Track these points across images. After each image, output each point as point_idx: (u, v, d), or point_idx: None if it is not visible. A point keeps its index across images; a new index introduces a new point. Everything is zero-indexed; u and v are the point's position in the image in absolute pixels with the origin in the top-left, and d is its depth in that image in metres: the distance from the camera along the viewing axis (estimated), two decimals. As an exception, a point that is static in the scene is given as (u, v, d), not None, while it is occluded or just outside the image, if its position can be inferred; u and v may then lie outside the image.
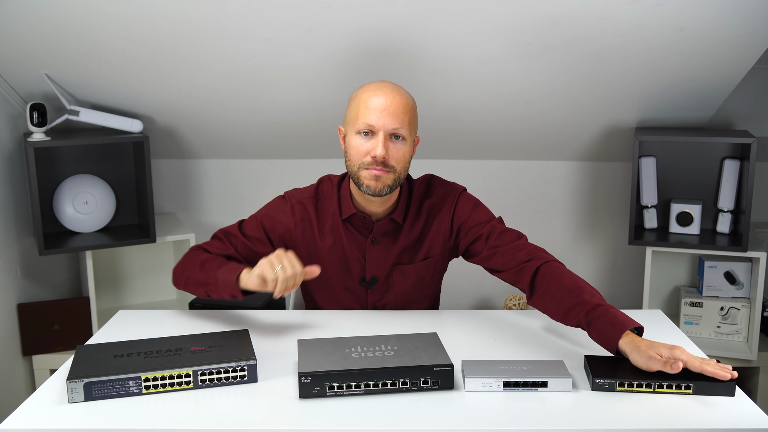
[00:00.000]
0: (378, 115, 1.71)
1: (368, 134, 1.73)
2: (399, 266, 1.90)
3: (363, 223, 1.86)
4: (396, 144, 1.74)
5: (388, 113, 1.72)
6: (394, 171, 1.75)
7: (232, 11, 2.22)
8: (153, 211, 2.68)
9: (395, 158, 1.74)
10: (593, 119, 2.81)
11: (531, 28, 2.28)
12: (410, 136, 1.77)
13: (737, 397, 1.43)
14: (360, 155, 1.74)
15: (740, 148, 2.75)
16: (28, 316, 2.65)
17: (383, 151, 1.71)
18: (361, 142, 1.74)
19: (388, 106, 1.72)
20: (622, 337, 1.50)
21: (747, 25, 2.24)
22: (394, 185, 1.76)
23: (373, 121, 1.71)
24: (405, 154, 1.76)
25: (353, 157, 1.76)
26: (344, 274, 1.90)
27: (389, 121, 1.71)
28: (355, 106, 1.76)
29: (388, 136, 1.73)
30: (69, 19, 2.24)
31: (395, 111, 1.72)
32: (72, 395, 1.41)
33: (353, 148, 1.76)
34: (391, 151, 1.73)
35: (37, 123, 2.52)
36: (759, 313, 2.66)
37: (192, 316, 1.93)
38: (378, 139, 1.72)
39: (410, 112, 1.76)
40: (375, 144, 1.72)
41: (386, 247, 1.88)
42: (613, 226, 3.12)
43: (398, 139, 1.74)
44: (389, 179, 1.75)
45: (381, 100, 1.72)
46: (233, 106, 2.71)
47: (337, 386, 1.42)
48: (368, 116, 1.72)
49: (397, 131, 1.73)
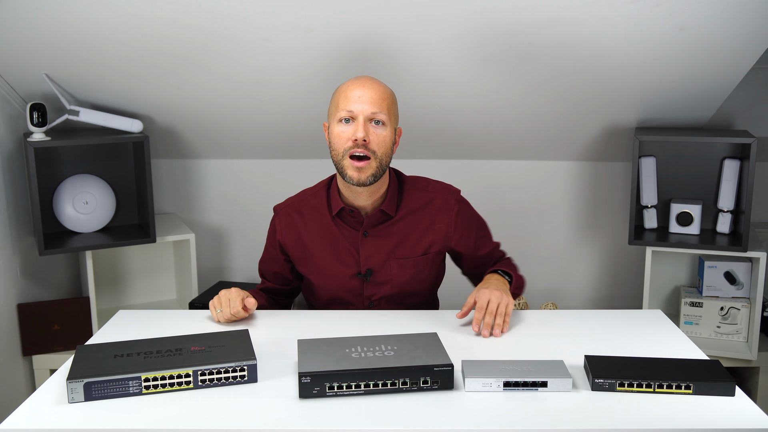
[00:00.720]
0: (357, 102, 1.79)
1: (349, 121, 1.80)
2: (397, 260, 1.92)
3: (353, 217, 1.90)
4: (376, 129, 1.80)
5: (367, 99, 1.79)
6: (376, 157, 1.80)
7: (232, 11, 2.22)
8: (153, 211, 2.68)
9: (376, 142, 1.80)
10: (593, 119, 2.81)
11: (531, 27, 2.28)
12: (390, 122, 1.83)
13: (737, 397, 1.44)
14: (342, 141, 1.80)
15: (740, 148, 2.75)
16: (28, 316, 2.65)
17: (363, 133, 1.77)
18: (343, 129, 1.81)
19: (366, 93, 1.80)
20: (490, 272, 1.97)
21: (747, 25, 2.24)
22: (377, 173, 1.81)
23: (353, 107, 1.79)
24: (386, 139, 1.82)
25: (336, 145, 1.82)
26: (340, 269, 1.92)
27: (368, 106, 1.79)
28: (335, 98, 1.85)
29: (368, 120, 1.79)
30: (69, 19, 2.23)
31: (373, 97, 1.79)
32: (72, 395, 1.41)
33: (335, 136, 1.82)
34: (372, 135, 1.79)
35: (37, 123, 2.52)
36: (759, 313, 2.66)
37: (192, 316, 1.93)
38: (358, 123, 1.78)
39: (389, 99, 1.83)
40: (356, 128, 1.79)
41: (379, 239, 1.91)
42: (613, 226, 3.12)
43: (378, 124, 1.81)
44: (371, 168, 1.80)
45: (359, 88, 1.81)
46: (233, 106, 2.72)
47: (337, 386, 1.42)
48: (348, 104, 1.79)
49: (376, 116, 1.79)
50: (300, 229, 1.96)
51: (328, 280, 1.95)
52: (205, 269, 3.12)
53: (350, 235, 1.92)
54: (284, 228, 1.98)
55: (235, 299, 1.81)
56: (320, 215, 1.94)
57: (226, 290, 1.84)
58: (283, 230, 1.98)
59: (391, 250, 1.92)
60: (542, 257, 3.15)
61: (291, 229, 1.97)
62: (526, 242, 3.14)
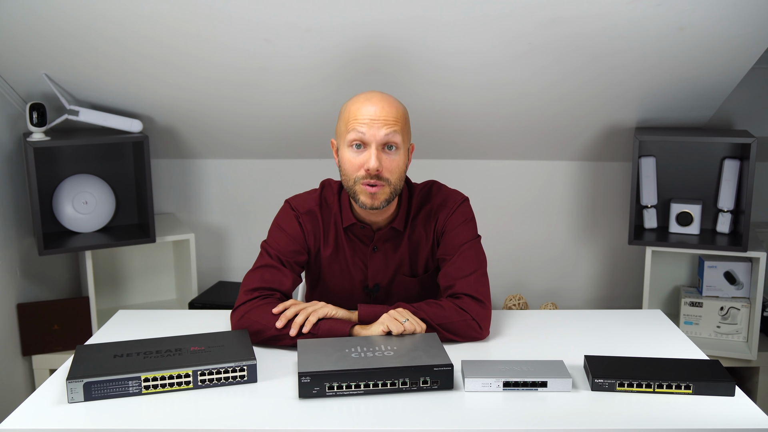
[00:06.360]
0: (369, 126, 1.68)
1: (360, 146, 1.70)
2: (402, 276, 1.88)
3: (363, 232, 1.85)
4: (389, 155, 1.70)
5: (379, 123, 1.68)
6: (389, 183, 1.71)
7: (232, 11, 2.22)
8: (153, 211, 2.68)
9: (389, 169, 1.70)
10: (593, 119, 2.81)
11: (531, 27, 2.28)
12: (404, 144, 1.73)
13: (737, 397, 1.43)
14: (354, 169, 1.71)
15: (740, 148, 2.75)
16: (28, 316, 2.65)
17: (376, 163, 1.67)
18: (354, 156, 1.71)
19: (378, 116, 1.68)
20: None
21: (747, 25, 2.24)
22: (390, 198, 1.73)
23: (364, 132, 1.68)
24: (399, 165, 1.72)
25: (347, 172, 1.73)
26: (347, 281, 1.89)
27: (380, 131, 1.68)
28: (344, 118, 1.73)
29: (381, 147, 1.69)
30: (69, 19, 2.23)
31: (386, 120, 1.68)
32: (72, 395, 1.41)
33: (346, 162, 1.73)
34: (385, 162, 1.69)
35: (36, 123, 2.52)
36: (759, 313, 2.66)
37: (192, 316, 1.93)
38: (370, 152, 1.68)
39: (402, 120, 1.72)
40: (368, 157, 1.68)
41: (387, 254, 1.87)
42: (613, 226, 3.12)
43: (392, 149, 1.71)
44: (385, 194, 1.72)
45: (370, 109, 1.69)
46: (233, 105, 2.71)
47: (336, 386, 1.42)
48: (359, 128, 1.68)
49: (389, 141, 1.69)
50: (320, 235, 1.87)
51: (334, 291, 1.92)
52: (205, 269, 3.12)
53: (359, 249, 1.86)
54: (309, 232, 1.86)
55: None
56: (334, 225, 1.87)
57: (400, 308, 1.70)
58: (309, 233, 1.86)
59: (398, 266, 1.87)
60: (542, 257, 3.15)
61: (316, 231, 1.87)
62: (526, 242, 3.14)
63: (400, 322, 1.62)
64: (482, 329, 1.71)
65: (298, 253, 1.84)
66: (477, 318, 1.70)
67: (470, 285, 1.75)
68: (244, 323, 1.70)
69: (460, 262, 1.78)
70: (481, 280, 1.77)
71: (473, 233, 1.85)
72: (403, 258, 1.87)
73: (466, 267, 1.78)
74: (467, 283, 1.75)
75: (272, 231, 1.87)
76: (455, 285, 1.76)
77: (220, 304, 2.70)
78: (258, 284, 1.76)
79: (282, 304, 1.70)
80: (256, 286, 1.76)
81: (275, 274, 1.79)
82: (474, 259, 1.79)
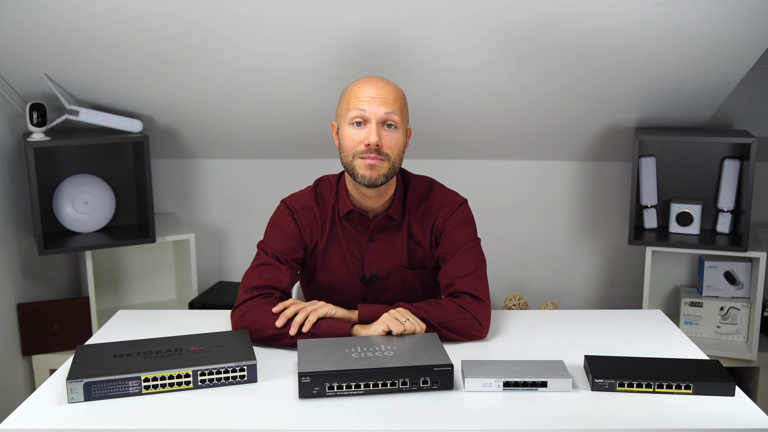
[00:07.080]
0: (369, 104, 1.74)
1: (361, 124, 1.76)
2: (402, 269, 1.90)
3: (360, 220, 1.87)
4: (389, 132, 1.76)
5: (379, 101, 1.74)
6: (389, 159, 1.76)
7: (232, 11, 2.22)
8: (153, 211, 2.68)
9: (389, 146, 1.76)
10: (593, 119, 2.81)
11: (530, 27, 2.28)
12: (402, 124, 1.79)
13: (737, 397, 1.43)
14: (354, 144, 1.76)
15: (740, 148, 2.75)
16: (28, 316, 2.65)
17: (377, 138, 1.73)
18: (354, 132, 1.76)
19: (379, 95, 1.75)
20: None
21: (747, 25, 2.24)
22: (389, 174, 1.78)
23: (365, 110, 1.74)
24: (398, 142, 1.78)
25: (347, 147, 1.78)
26: (344, 272, 1.91)
27: (380, 108, 1.74)
28: (346, 98, 1.80)
29: (381, 123, 1.75)
30: (69, 19, 2.23)
31: (386, 99, 1.75)
32: (72, 395, 1.41)
33: (347, 138, 1.78)
34: (385, 138, 1.75)
35: (36, 123, 2.52)
36: (759, 313, 2.66)
37: (192, 316, 1.93)
38: (371, 127, 1.74)
39: (400, 100, 1.79)
40: (368, 132, 1.74)
41: (384, 245, 1.89)
42: (613, 226, 3.12)
43: (391, 127, 1.77)
44: (384, 168, 1.76)
45: (371, 89, 1.76)
46: (233, 105, 2.71)
47: (336, 386, 1.42)
48: (360, 106, 1.75)
49: (389, 118, 1.75)
50: (317, 228, 1.90)
51: (331, 282, 1.93)
52: (205, 269, 3.12)
53: (356, 239, 1.89)
54: (305, 228, 1.89)
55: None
56: (330, 217, 1.90)
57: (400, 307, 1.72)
58: (305, 229, 1.89)
59: (394, 257, 1.90)
60: (542, 257, 3.15)
61: (313, 226, 1.90)
62: (526, 242, 3.14)
63: (401, 321, 1.64)
64: (482, 327, 1.74)
65: (294, 250, 1.88)
66: (477, 316, 1.73)
67: (470, 283, 1.79)
68: (244, 322, 1.72)
69: (461, 261, 1.83)
70: (481, 279, 1.82)
71: (474, 234, 1.89)
72: (399, 249, 1.89)
73: (467, 266, 1.82)
74: (467, 281, 1.79)
75: (268, 230, 1.92)
76: (455, 283, 1.80)
77: (220, 304, 2.70)
78: (257, 282, 1.79)
79: (282, 303, 1.72)
80: (255, 284, 1.79)
81: (273, 271, 1.82)
82: (474, 259, 1.84)
